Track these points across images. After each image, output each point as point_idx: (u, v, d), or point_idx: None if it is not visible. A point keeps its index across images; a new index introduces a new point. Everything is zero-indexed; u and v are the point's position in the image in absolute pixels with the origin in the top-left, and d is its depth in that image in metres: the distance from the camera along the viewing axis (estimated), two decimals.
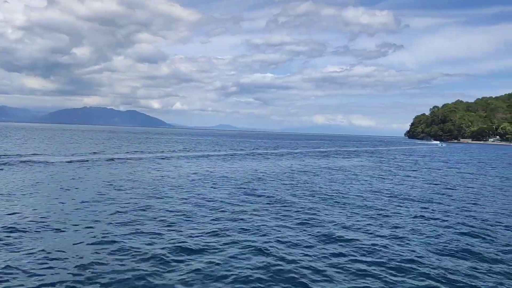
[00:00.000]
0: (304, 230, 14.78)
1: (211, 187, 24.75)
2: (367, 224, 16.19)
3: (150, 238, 12.92)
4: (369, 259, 11.79)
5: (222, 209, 17.97)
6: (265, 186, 26.21)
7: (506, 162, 68.65)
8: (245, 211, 17.78)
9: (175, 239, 12.91)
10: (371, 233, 14.72)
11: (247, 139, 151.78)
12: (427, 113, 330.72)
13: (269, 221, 15.92)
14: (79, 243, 12.16)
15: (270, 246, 12.49)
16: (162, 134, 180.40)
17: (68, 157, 39.61)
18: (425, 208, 20.33)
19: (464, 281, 10.45)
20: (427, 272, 10.88)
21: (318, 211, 18.42)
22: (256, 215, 17.02)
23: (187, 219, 15.84)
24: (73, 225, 14.22)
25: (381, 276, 10.52)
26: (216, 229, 14.28)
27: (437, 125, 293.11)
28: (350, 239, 13.71)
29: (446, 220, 17.35)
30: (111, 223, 14.60)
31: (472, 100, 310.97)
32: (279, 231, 14.49)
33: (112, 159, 39.93)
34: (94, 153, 47.73)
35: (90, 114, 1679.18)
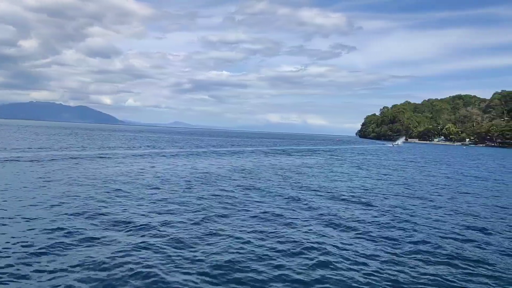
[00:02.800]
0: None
1: (156, 187, 22.69)
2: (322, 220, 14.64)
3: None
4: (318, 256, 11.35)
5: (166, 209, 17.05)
6: (222, 184, 24.72)
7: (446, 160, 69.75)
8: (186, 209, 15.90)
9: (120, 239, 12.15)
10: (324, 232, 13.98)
11: (202, 137, 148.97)
12: (377, 113, 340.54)
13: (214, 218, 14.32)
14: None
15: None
16: (113, 131, 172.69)
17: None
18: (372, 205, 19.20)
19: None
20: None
21: (262, 207, 17.78)
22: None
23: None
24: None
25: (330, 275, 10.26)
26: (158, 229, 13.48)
27: (387, 125, 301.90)
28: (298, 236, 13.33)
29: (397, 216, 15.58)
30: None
31: (419, 101, 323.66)
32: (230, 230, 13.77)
33: (55, 157, 35.43)
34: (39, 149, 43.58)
35: (37, 109, 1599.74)
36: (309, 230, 14.57)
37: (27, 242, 11.58)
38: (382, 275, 10.44)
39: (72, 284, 8.99)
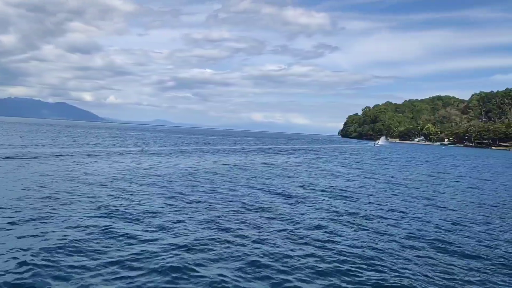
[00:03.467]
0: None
1: (138, 184, 22.50)
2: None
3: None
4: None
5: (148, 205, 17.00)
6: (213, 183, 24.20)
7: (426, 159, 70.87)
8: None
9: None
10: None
11: (183, 135, 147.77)
12: (360, 113, 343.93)
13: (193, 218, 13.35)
14: None
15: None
16: (91, 128, 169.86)
17: None
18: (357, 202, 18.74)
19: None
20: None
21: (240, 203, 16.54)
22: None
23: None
24: None
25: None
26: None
27: (369, 125, 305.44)
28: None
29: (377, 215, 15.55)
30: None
31: (400, 101, 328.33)
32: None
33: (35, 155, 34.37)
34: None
35: (15, 105, 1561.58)
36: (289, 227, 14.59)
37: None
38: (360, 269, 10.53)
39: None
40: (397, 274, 10.47)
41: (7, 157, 31.91)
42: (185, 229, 13.56)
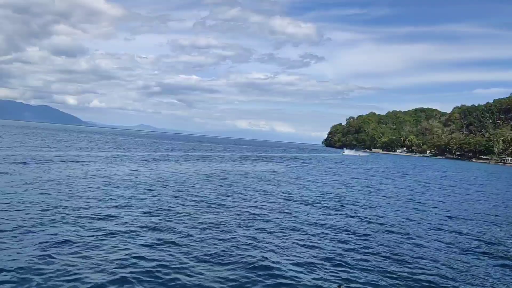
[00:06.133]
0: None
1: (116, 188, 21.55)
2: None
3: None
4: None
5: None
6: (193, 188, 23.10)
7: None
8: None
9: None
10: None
11: (166, 140, 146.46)
12: (344, 123, 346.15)
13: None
14: None
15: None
16: (73, 132, 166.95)
17: None
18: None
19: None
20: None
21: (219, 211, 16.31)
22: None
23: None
24: None
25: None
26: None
27: (352, 135, 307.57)
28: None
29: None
30: None
31: (383, 112, 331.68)
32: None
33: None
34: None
35: None
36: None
37: None
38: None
39: None
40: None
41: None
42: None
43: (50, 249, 11.09)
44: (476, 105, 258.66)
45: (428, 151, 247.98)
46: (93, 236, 12.70)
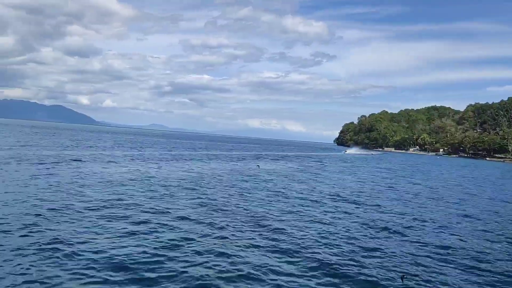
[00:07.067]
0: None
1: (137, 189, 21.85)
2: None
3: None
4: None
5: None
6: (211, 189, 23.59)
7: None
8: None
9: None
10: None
11: (179, 139, 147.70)
12: (356, 121, 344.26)
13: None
14: None
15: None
16: (88, 132, 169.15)
17: None
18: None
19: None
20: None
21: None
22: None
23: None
24: None
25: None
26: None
27: (364, 134, 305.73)
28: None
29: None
30: None
31: (396, 111, 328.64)
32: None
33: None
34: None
35: (10, 107, 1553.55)
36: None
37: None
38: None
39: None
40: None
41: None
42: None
43: (72, 247, 11.47)
44: (490, 103, 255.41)
45: (441, 150, 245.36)
46: (113, 234, 13.09)
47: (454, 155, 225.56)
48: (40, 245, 11.37)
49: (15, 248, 10.99)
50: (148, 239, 13.00)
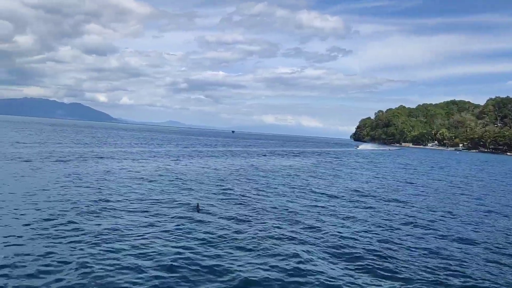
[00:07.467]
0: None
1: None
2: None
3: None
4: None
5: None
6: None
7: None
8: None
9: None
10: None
11: (195, 136, 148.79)
12: (372, 117, 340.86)
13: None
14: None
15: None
16: (105, 129, 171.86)
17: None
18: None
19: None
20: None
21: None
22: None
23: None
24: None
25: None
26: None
27: (381, 129, 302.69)
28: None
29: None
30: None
31: (413, 106, 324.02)
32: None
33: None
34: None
35: (30, 105, 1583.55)
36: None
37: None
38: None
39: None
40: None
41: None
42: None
43: (121, 243, 12.11)
44: (510, 96, 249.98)
45: (460, 145, 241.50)
46: (155, 229, 13.69)
47: (474, 150, 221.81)
48: (91, 240, 11.95)
49: (68, 242, 11.68)
50: (188, 235, 13.42)
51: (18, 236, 11.82)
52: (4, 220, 13.47)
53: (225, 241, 13.02)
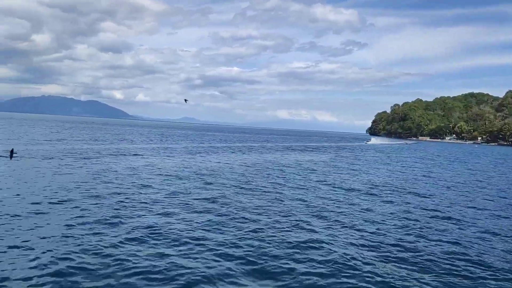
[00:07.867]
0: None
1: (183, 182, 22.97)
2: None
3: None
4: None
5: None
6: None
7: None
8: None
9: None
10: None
11: (211, 132, 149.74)
12: (388, 110, 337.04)
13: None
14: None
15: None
16: (122, 126, 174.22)
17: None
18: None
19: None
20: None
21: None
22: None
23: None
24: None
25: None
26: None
27: (398, 123, 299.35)
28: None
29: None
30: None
31: (430, 99, 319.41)
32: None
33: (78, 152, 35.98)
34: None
35: (48, 103, 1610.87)
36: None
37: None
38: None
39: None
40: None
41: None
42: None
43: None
44: None
45: (479, 138, 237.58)
46: (192, 225, 14.18)
47: (493, 143, 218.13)
48: (132, 235, 12.41)
49: (110, 237, 12.13)
50: (222, 228, 13.84)
51: (57, 236, 12.27)
52: (45, 217, 14.11)
53: (268, 235, 13.46)
